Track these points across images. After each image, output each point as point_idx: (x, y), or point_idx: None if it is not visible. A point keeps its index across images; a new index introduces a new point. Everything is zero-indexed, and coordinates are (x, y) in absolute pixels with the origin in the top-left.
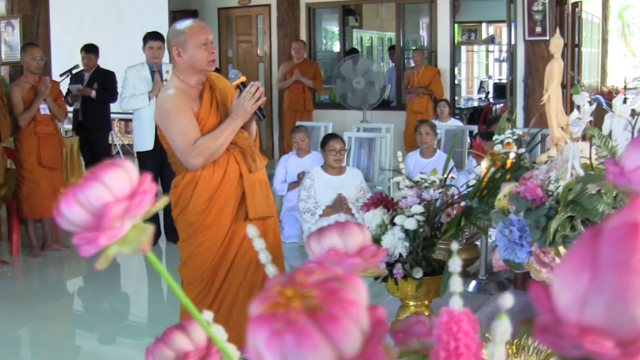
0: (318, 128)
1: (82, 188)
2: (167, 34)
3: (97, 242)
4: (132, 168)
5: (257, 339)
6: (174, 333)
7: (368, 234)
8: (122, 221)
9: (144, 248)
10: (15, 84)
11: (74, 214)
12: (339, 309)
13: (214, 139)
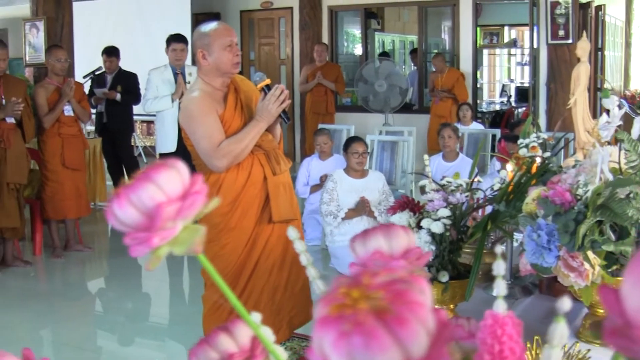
0: (340, 131)
1: (135, 188)
2: (193, 36)
3: (149, 242)
4: (184, 169)
5: (324, 340)
6: (219, 334)
7: (412, 237)
8: (174, 222)
9: (197, 249)
10: (40, 86)
11: (127, 214)
12: (407, 311)
13: (239, 142)
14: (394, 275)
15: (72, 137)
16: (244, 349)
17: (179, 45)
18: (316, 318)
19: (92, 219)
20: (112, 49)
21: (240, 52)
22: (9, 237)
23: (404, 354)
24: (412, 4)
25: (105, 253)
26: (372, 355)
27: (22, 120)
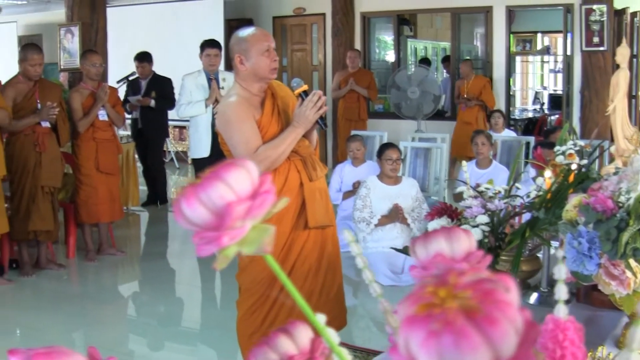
0: (373, 137)
1: (205, 187)
2: (230, 41)
3: (219, 241)
4: (253, 168)
5: (411, 339)
6: (279, 336)
7: (474, 240)
8: (243, 221)
9: (266, 249)
10: (75, 90)
11: (196, 212)
12: (496, 310)
13: (275, 147)
14: (480, 275)
15: (106, 141)
16: (303, 350)
17: (213, 50)
18: (402, 317)
19: (125, 223)
20: (143, 54)
21: (277, 57)
22: (43, 240)
23: (493, 354)
24: (445, 10)
25: (138, 257)
26: (463, 355)
27: (57, 124)
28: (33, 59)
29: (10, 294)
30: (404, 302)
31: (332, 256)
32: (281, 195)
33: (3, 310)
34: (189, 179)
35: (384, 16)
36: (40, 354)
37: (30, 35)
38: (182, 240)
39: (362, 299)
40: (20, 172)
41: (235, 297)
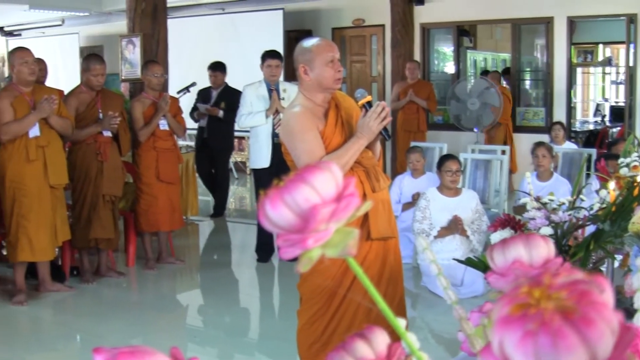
0: (433, 149)
1: (290, 190)
2: (295, 51)
3: (303, 244)
4: (337, 171)
5: (507, 339)
6: (356, 341)
7: (552, 247)
8: (327, 224)
9: (351, 251)
10: (136, 100)
11: (280, 215)
12: (593, 311)
13: (339, 158)
14: (575, 276)
15: (167, 151)
16: (380, 355)
17: (274, 61)
18: (496, 318)
19: (184, 232)
20: (217, 64)
21: (342, 68)
22: (103, 248)
23: (590, 355)
24: (505, 21)
25: (197, 266)
26: (560, 355)
27: (119, 133)
28: (95, 69)
29: (71, 300)
30: (498, 303)
31: (394, 267)
32: None
33: (63, 316)
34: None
35: (443, 27)
36: (124, 352)
37: (92, 47)
38: (241, 250)
39: (421, 311)
40: (82, 180)
41: (293, 308)
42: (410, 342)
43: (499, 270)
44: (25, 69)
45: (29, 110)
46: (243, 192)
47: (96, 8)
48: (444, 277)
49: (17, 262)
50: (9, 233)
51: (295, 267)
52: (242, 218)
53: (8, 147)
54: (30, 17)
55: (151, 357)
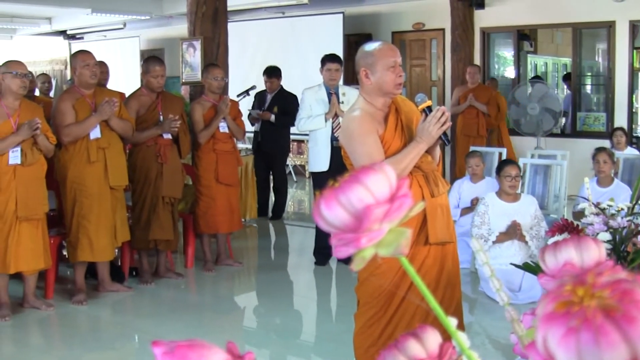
0: (492, 154)
1: (344, 190)
2: (357, 54)
3: (357, 243)
4: (391, 172)
5: (550, 335)
6: (408, 340)
7: (604, 249)
8: (381, 224)
9: (403, 251)
10: (197, 103)
11: (335, 215)
12: (635, 309)
13: (398, 162)
14: (618, 275)
15: (227, 153)
16: (432, 355)
17: (334, 65)
18: (541, 315)
19: (242, 235)
20: (272, 68)
21: (403, 72)
22: (162, 249)
23: (631, 352)
24: (566, 25)
25: (254, 268)
26: (601, 352)
27: (179, 136)
28: (155, 71)
29: (130, 300)
30: (543, 300)
31: (451, 272)
32: None
33: (122, 317)
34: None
35: (503, 31)
36: (183, 346)
37: (153, 50)
38: (299, 253)
39: (479, 316)
40: (142, 182)
41: (350, 311)
42: (460, 340)
43: (550, 273)
44: (87, 71)
45: (90, 112)
46: (302, 195)
47: (157, 12)
48: (497, 279)
49: (77, 262)
50: (69, 233)
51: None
52: (301, 221)
53: (69, 149)
54: (93, 21)
55: (208, 351)
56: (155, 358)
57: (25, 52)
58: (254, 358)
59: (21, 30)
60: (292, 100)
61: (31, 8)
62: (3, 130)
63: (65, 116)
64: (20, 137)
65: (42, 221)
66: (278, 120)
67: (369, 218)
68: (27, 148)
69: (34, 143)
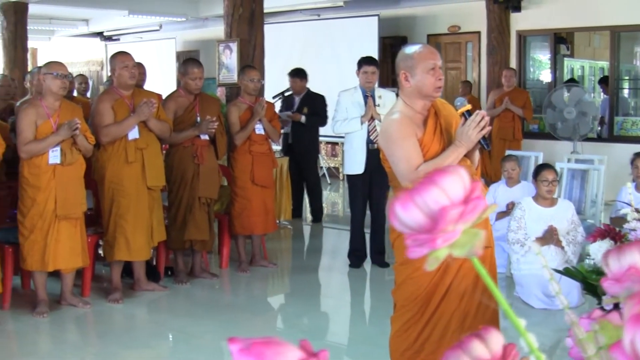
0: (528, 158)
1: (420, 191)
2: (397, 57)
3: (432, 244)
4: (465, 174)
5: (638, 336)
6: (472, 341)
7: None
8: (455, 225)
9: (477, 251)
10: (233, 104)
11: (411, 215)
12: None
13: (437, 166)
14: None
15: (262, 155)
16: (496, 356)
17: (370, 67)
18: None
19: (277, 236)
20: (297, 70)
21: (442, 76)
22: (198, 249)
23: None
24: (604, 28)
25: (289, 270)
26: None
27: (215, 137)
28: (194, 73)
29: (165, 300)
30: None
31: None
32: None
33: (157, 315)
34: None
35: (540, 34)
36: (258, 343)
37: (188, 51)
38: (333, 255)
39: None
40: (178, 183)
41: (385, 314)
42: (530, 341)
43: (614, 276)
44: (126, 72)
45: (128, 113)
46: (335, 198)
47: (193, 13)
48: (556, 282)
49: (114, 261)
50: (106, 232)
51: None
52: (334, 223)
53: (108, 149)
54: (129, 23)
55: (284, 348)
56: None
57: (62, 53)
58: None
59: (59, 31)
60: (320, 101)
61: (69, 10)
62: (43, 130)
63: (104, 117)
64: (60, 137)
65: (80, 220)
66: (309, 121)
67: (445, 219)
68: (66, 148)
69: (73, 143)
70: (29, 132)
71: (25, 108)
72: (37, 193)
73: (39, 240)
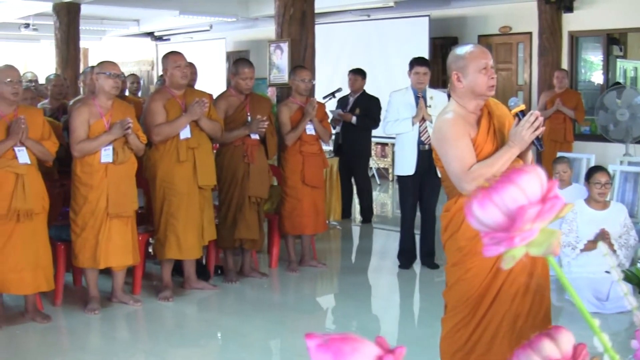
0: (580, 160)
1: (498, 190)
2: (448, 58)
3: (510, 242)
4: (542, 173)
5: None
6: (542, 340)
7: None
8: (532, 224)
9: (555, 250)
10: (284, 104)
11: (488, 214)
12: None
13: (490, 166)
14: None
15: (313, 155)
16: (566, 356)
17: (422, 68)
18: None
19: (326, 236)
20: (358, 69)
21: (495, 75)
22: (248, 248)
23: None
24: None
25: (337, 270)
26: None
27: (266, 137)
28: (245, 73)
29: (215, 298)
30: None
31: (541, 278)
32: None
33: (207, 314)
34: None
35: (592, 35)
36: (336, 338)
37: (238, 51)
38: (382, 256)
39: (564, 325)
40: (229, 182)
41: (434, 315)
42: (604, 341)
43: None
44: (178, 72)
45: (180, 112)
46: (385, 199)
47: (243, 14)
48: (625, 284)
49: (165, 259)
50: (157, 231)
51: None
52: (384, 224)
53: (160, 148)
54: (180, 23)
55: (361, 344)
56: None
57: (113, 53)
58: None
59: (110, 31)
60: (374, 103)
61: (120, 10)
62: (96, 129)
63: (156, 116)
64: (113, 136)
65: (131, 218)
66: (359, 122)
67: (523, 218)
68: (118, 147)
69: (126, 142)
70: (82, 131)
71: (78, 107)
72: (90, 191)
73: (91, 238)
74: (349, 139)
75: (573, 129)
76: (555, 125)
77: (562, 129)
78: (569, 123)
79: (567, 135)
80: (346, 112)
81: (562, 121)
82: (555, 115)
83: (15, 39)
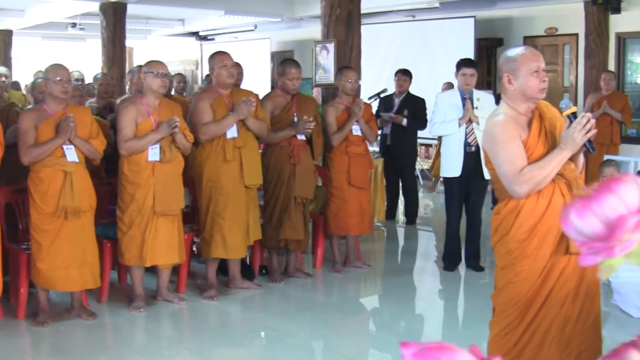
0: (627, 163)
1: (598, 200)
2: (499, 60)
3: (610, 252)
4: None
5: None
6: (629, 350)
7: None
8: (632, 234)
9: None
10: (330, 105)
11: (587, 223)
12: None
13: (541, 168)
14: None
15: (359, 156)
16: None
17: (469, 70)
18: None
19: (371, 237)
20: (405, 70)
21: (546, 77)
22: (293, 248)
23: None
24: None
25: (381, 272)
26: None
27: (312, 137)
28: (291, 74)
29: (259, 298)
30: None
31: (591, 283)
32: (544, 217)
33: (251, 313)
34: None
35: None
36: (431, 347)
37: (283, 52)
38: (426, 258)
39: (612, 330)
40: (274, 182)
41: (478, 318)
42: None
43: None
44: (225, 72)
45: (227, 112)
46: (429, 200)
47: (288, 14)
48: None
49: (210, 258)
50: (203, 230)
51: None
52: (428, 225)
53: (206, 147)
54: (225, 22)
55: (457, 353)
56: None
57: (158, 52)
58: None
59: (155, 31)
60: (420, 104)
61: (166, 9)
62: (143, 128)
63: (203, 115)
64: (160, 134)
65: (178, 217)
66: (410, 125)
67: (622, 228)
68: (165, 145)
69: (172, 141)
70: (130, 130)
71: (126, 106)
72: (136, 189)
73: (137, 236)
74: (397, 140)
75: (620, 131)
76: (602, 127)
77: (608, 132)
78: (615, 126)
79: (614, 138)
80: (394, 114)
81: (609, 124)
82: (602, 118)
83: (62, 38)
